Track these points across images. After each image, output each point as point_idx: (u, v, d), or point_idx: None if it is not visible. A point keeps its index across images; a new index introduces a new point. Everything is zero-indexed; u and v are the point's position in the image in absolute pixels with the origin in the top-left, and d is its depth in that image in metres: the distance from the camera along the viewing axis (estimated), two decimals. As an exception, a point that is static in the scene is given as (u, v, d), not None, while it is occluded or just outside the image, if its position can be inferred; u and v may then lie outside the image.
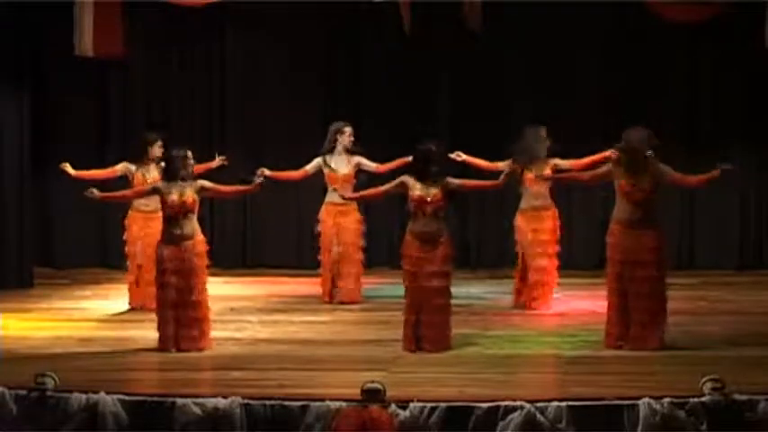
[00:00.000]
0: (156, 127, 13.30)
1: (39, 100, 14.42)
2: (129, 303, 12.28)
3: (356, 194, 11.49)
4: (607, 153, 11.33)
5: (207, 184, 10.36)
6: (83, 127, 15.18)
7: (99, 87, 15.28)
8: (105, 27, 13.62)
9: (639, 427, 7.87)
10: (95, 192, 10.39)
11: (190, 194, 10.10)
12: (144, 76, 15.33)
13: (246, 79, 15.24)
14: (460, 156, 12.12)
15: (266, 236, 15.32)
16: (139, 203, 12.13)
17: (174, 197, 10.09)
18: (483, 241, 15.09)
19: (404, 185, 10.08)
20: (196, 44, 15.36)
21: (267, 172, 12.24)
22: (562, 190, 13.04)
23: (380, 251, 13.84)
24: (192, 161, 10.26)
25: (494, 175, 11.26)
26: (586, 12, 13.85)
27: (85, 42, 13.58)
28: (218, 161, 12.45)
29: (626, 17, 14.08)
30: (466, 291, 12.76)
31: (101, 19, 13.55)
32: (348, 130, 12.51)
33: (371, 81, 14.97)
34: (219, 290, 11.68)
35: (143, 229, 12.13)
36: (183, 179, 10.15)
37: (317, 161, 12.49)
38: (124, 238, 12.38)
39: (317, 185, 12.83)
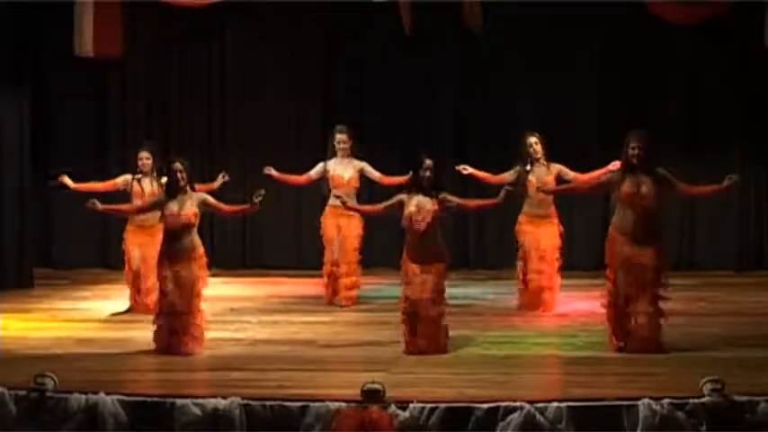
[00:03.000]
0: (153, 137, 13.19)
1: (39, 100, 14.42)
2: (132, 309, 12.16)
3: (356, 206, 11.43)
4: (607, 168, 11.30)
5: (209, 199, 10.22)
6: (82, 127, 15.20)
7: (98, 88, 15.29)
8: (105, 27, 13.64)
9: (639, 428, 7.87)
10: (97, 203, 10.35)
11: (190, 209, 10.01)
12: (144, 76, 15.34)
13: (246, 79, 15.23)
14: (466, 169, 12.05)
15: (266, 237, 15.32)
16: (138, 219, 11.94)
17: (173, 212, 10.00)
18: (482, 242, 15.09)
19: (401, 203, 10.00)
20: (196, 44, 15.36)
21: (274, 172, 12.25)
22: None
23: (380, 252, 13.83)
24: (185, 173, 10.03)
25: (497, 189, 11.26)
26: (586, 12, 13.85)
27: (85, 42, 13.60)
28: (220, 180, 12.30)
29: (626, 17, 14.06)
30: (465, 292, 12.76)
31: (100, 19, 13.58)
32: (337, 132, 12.41)
33: (371, 81, 14.95)
34: (219, 290, 11.68)
35: (141, 240, 11.96)
36: (183, 192, 10.07)
37: (320, 166, 12.46)
38: (122, 248, 12.25)
39: (317, 187, 12.79)
